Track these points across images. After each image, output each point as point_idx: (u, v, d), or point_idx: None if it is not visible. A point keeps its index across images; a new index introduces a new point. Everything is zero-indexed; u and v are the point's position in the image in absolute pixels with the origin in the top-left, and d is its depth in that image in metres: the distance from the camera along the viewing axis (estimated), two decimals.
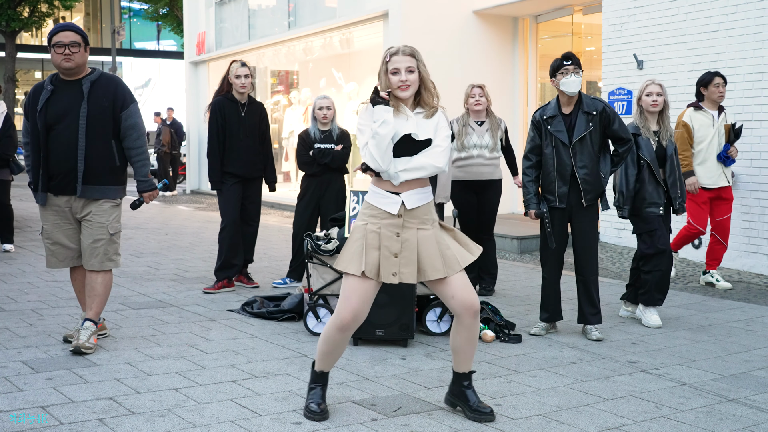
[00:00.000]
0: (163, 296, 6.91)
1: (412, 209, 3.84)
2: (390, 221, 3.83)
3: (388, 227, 3.83)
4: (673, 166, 6.12)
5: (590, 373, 4.88)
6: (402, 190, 3.84)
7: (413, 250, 3.82)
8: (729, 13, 8.92)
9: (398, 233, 3.82)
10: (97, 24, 41.33)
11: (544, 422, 4.00)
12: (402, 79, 3.80)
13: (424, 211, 3.88)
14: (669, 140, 6.11)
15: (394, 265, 3.81)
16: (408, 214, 3.84)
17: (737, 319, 6.48)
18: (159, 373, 4.64)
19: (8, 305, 6.37)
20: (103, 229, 5.17)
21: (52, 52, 5.00)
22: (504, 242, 9.96)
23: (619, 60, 10.20)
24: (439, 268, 3.83)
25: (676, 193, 6.11)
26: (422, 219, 3.87)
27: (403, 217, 3.83)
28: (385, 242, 3.82)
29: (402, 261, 3.81)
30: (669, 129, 6.14)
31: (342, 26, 14.15)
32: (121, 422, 3.83)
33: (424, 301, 5.77)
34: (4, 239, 9.12)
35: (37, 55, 39.32)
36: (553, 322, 5.88)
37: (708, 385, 4.71)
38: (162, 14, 33.80)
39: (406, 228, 3.84)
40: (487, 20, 12.84)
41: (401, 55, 3.81)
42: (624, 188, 6.05)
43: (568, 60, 5.61)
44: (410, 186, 3.85)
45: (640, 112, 6.16)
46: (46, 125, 5.03)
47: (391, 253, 3.81)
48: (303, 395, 4.28)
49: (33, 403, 4.04)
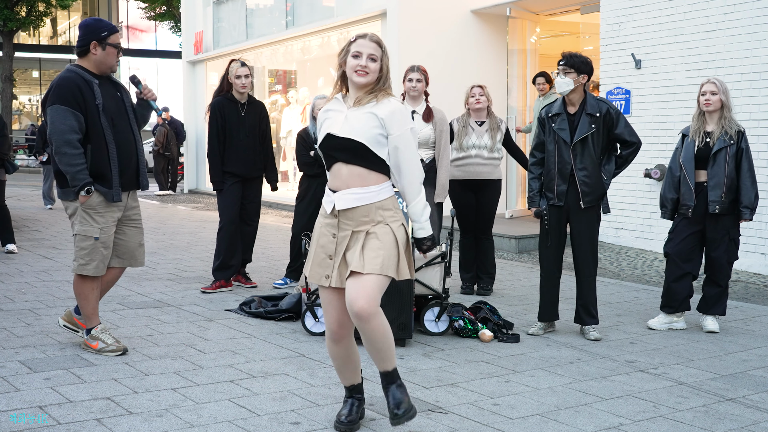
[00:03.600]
0: (161, 296, 6.91)
1: (344, 210, 3.57)
2: (329, 221, 3.63)
3: (326, 227, 3.64)
4: (720, 168, 5.82)
5: (588, 373, 4.88)
6: (338, 187, 3.61)
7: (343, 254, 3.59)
8: (727, 13, 8.93)
9: (334, 234, 3.60)
10: None
11: (542, 422, 4.00)
12: (361, 64, 3.57)
13: (363, 213, 3.56)
14: (723, 140, 5.81)
15: (327, 267, 3.60)
16: (343, 215, 3.58)
17: (735, 318, 6.49)
18: (157, 373, 4.63)
19: (6, 305, 6.36)
20: (142, 227, 5.24)
21: (107, 50, 4.89)
22: (502, 242, 9.96)
23: (617, 59, 10.20)
24: (354, 262, 3.51)
25: (716, 195, 5.81)
26: (360, 221, 3.56)
27: (338, 217, 3.59)
28: (321, 242, 3.63)
29: (335, 264, 3.59)
30: (729, 129, 5.82)
31: (340, 25, 14.14)
32: (119, 422, 3.83)
33: (422, 301, 5.78)
34: (5, 240, 9.10)
35: (35, 55, 39.32)
36: (551, 321, 5.88)
37: (706, 384, 4.71)
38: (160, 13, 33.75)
39: (342, 230, 3.59)
40: (484, 19, 12.85)
41: (367, 41, 3.61)
42: (667, 191, 6.02)
43: (561, 60, 5.62)
44: (346, 183, 3.58)
45: (699, 112, 5.97)
46: (110, 120, 4.92)
47: (326, 255, 3.61)
48: (301, 395, 4.28)
49: (31, 403, 4.04)
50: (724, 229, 5.92)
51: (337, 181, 3.60)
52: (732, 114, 5.92)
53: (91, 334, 5.01)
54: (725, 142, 5.83)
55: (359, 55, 3.58)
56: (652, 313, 6.49)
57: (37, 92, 41.42)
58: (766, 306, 7.11)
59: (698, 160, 5.91)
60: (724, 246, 5.93)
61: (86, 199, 4.83)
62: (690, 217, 5.94)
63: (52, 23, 39.89)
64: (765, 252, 8.55)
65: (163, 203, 16.45)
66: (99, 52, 4.90)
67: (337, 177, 3.61)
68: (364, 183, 3.56)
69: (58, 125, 4.74)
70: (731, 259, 5.99)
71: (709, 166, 5.86)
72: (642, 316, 6.46)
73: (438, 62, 11.71)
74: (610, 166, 5.72)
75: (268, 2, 17.34)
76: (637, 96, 9.98)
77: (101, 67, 4.94)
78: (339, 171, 3.60)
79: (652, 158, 9.61)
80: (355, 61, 3.58)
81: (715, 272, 6.01)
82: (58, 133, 4.74)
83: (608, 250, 9.80)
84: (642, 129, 9.54)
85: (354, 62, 3.58)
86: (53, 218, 12.79)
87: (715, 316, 6.08)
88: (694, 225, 5.96)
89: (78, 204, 4.87)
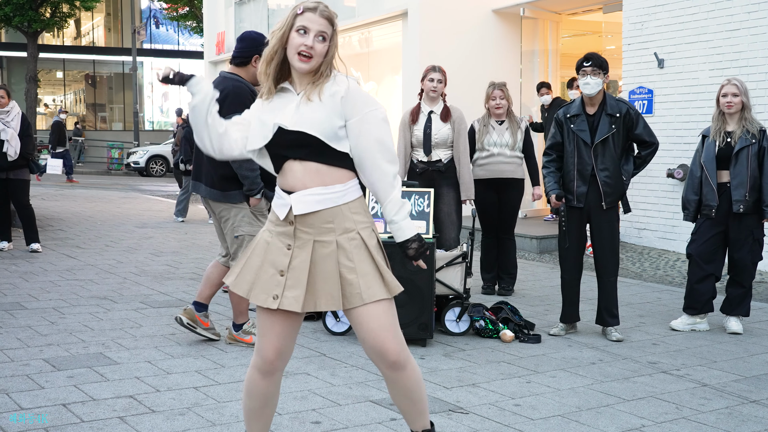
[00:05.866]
0: (183, 295, 6.94)
1: (302, 215, 2.89)
2: (282, 229, 2.92)
3: (279, 236, 2.93)
4: (743, 167, 5.75)
5: (610, 374, 4.85)
6: (294, 187, 2.90)
7: (304, 270, 2.87)
8: (751, 12, 8.84)
9: (289, 245, 2.90)
10: (117, 24, 41.58)
11: (563, 423, 3.98)
12: (307, 44, 2.85)
13: (326, 218, 2.88)
14: (745, 139, 5.75)
15: (276, 285, 2.88)
16: (300, 221, 2.89)
17: (759, 320, 6.43)
18: (179, 372, 4.66)
19: (30, 303, 6.42)
20: None
21: None
22: (524, 242, 9.93)
23: (640, 59, 10.13)
24: (335, 296, 2.87)
25: (740, 195, 5.75)
26: (322, 228, 2.89)
27: (294, 224, 2.90)
28: (270, 255, 2.92)
29: (288, 282, 2.88)
30: (750, 128, 5.77)
31: (361, 25, 14.16)
32: (142, 420, 3.85)
33: (443, 301, 5.77)
34: (29, 239, 9.19)
35: (59, 55, 39.64)
36: (572, 322, 5.86)
37: (729, 386, 4.67)
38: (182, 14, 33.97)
39: (299, 239, 2.90)
40: (505, 19, 12.81)
41: (317, 15, 2.88)
42: (688, 193, 5.98)
43: (588, 61, 5.58)
44: (303, 183, 2.88)
45: (719, 113, 5.91)
46: None
47: (276, 270, 2.89)
48: (322, 394, 4.29)
49: (54, 401, 4.07)
50: (748, 229, 5.86)
51: (291, 181, 2.91)
52: (752, 114, 5.87)
53: (243, 329, 5.26)
54: (747, 141, 5.78)
55: (306, 31, 2.87)
56: (674, 314, 6.44)
57: (60, 92, 41.80)
58: None
59: (720, 160, 5.86)
60: (748, 246, 5.88)
61: (258, 202, 5.11)
62: (713, 218, 5.89)
63: (76, 24, 40.22)
64: None
65: None
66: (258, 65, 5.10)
67: (289, 176, 2.92)
68: (324, 181, 2.89)
69: None
70: (755, 259, 5.94)
71: (732, 166, 5.81)
72: (664, 317, 6.42)
73: (458, 62, 11.69)
74: (628, 166, 5.69)
75: (289, 3, 17.38)
76: (659, 96, 9.91)
77: (255, 79, 5.10)
78: (292, 169, 2.91)
79: (674, 158, 9.54)
80: (299, 38, 2.86)
81: (739, 273, 5.95)
82: None
83: (630, 251, 9.74)
84: (665, 129, 9.49)
85: (299, 40, 2.86)
86: (77, 217, 12.90)
87: (739, 317, 6.03)
88: (717, 226, 5.91)
89: (244, 207, 5.11)
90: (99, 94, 41.76)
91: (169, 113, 40.09)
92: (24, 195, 9.12)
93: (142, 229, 11.68)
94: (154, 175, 26.27)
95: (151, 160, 26.50)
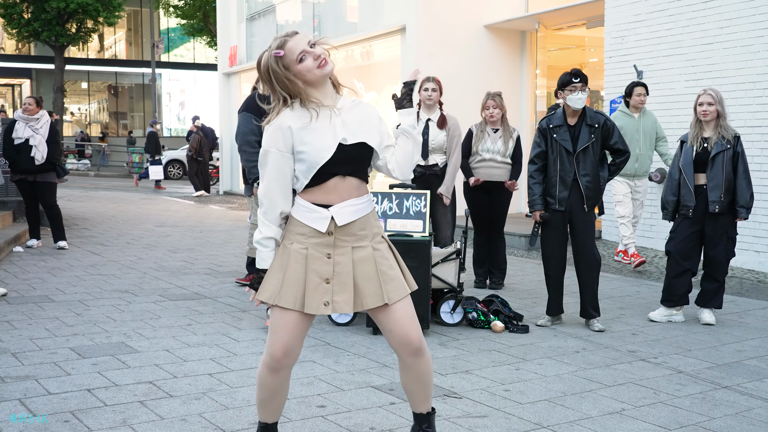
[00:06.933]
0: (199, 289, 6.95)
1: (342, 225, 2.90)
2: (319, 240, 2.89)
3: (316, 247, 2.89)
4: (718, 170, 5.74)
5: (593, 362, 4.85)
6: (332, 201, 2.89)
7: (348, 274, 2.89)
8: (723, 27, 8.84)
9: (329, 254, 2.89)
10: (138, 39, 41.58)
11: (549, 407, 3.98)
12: (316, 54, 2.84)
13: (361, 226, 2.92)
14: (721, 145, 5.74)
15: (325, 293, 2.88)
16: (340, 231, 2.89)
17: (731, 312, 6.43)
18: (194, 360, 4.66)
19: (57, 296, 6.43)
20: None
21: None
22: (513, 240, 9.92)
23: (620, 70, 10.13)
24: (378, 293, 2.90)
25: (716, 196, 5.73)
26: (358, 235, 2.92)
27: (334, 234, 2.89)
28: (313, 266, 2.88)
29: (335, 288, 2.88)
30: (725, 135, 5.76)
31: (363, 40, 14.16)
32: (160, 404, 3.85)
33: (439, 294, 5.77)
34: (57, 237, 9.19)
35: (84, 68, 39.66)
36: (557, 314, 5.86)
37: (703, 373, 4.67)
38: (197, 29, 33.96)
39: (339, 247, 2.90)
40: (497, 34, 12.81)
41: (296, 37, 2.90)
42: (667, 194, 5.97)
43: (576, 78, 5.58)
44: (341, 196, 2.89)
45: (696, 120, 5.89)
46: None
47: (321, 279, 2.88)
48: (326, 380, 4.29)
49: (80, 386, 4.07)
50: (723, 228, 5.86)
51: (332, 196, 2.89)
52: (727, 121, 5.87)
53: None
54: (723, 146, 5.77)
55: (305, 53, 2.85)
56: (652, 307, 6.44)
57: (85, 102, 41.79)
58: (759, 300, 7.04)
59: (697, 164, 5.87)
60: (722, 244, 5.88)
61: None
62: (690, 218, 5.89)
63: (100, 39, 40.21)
64: (758, 250, 8.47)
65: (200, 203, 16.53)
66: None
67: (332, 191, 2.89)
68: (359, 192, 2.93)
69: (242, 128, 5.20)
70: (729, 256, 5.94)
71: (708, 169, 5.80)
72: (643, 309, 6.42)
73: (453, 73, 11.69)
74: (604, 173, 5.73)
75: (297, 18, 17.39)
76: None
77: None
78: (335, 185, 2.89)
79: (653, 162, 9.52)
80: (308, 61, 2.84)
81: (714, 268, 5.95)
82: (241, 134, 5.28)
83: (611, 248, 9.73)
84: None
85: (309, 63, 2.84)
86: (101, 217, 12.90)
87: (712, 309, 6.03)
88: (694, 225, 5.91)
89: None
90: (121, 103, 41.76)
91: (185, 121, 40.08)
92: (51, 196, 9.12)
93: (161, 228, 11.68)
94: (171, 178, 26.24)
95: (169, 164, 26.47)
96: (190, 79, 41.72)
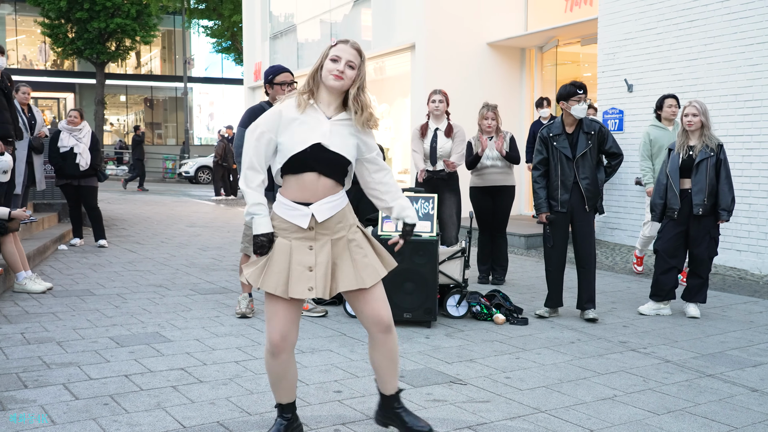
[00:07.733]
0: (226, 284, 6.96)
1: (323, 221, 2.96)
2: (301, 235, 2.95)
3: (299, 240, 2.95)
4: (702, 176, 5.70)
5: (587, 352, 4.83)
6: (308, 199, 2.94)
7: (327, 264, 2.95)
8: (707, 44, 8.78)
9: (311, 246, 2.95)
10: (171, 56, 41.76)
11: (547, 393, 3.97)
12: (339, 69, 2.94)
13: (338, 219, 2.99)
14: (705, 152, 5.70)
15: (309, 279, 2.93)
16: (320, 226, 2.95)
17: (714, 306, 6.38)
18: (222, 348, 4.67)
19: (98, 290, 6.46)
20: None
21: (275, 88, 5.38)
22: (513, 239, 9.89)
23: (612, 84, 10.09)
24: (352, 279, 2.97)
25: (700, 200, 5.70)
26: (336, 228, 2.98)
27: (315, 229, 2.95)
28: (297, 256, 2.94)
29: (318, 274, 2.94)
30: (709, 143, 5.72)
31: (376, 56, 14.15)
32: (191, 389, 3.86)
33: (445, 289, 5.76)
34: (97, 236, 9.24)
35: (122, 82, 39.84)
36: (555, 307, 5.83)
37: (689, 362, 4.64)
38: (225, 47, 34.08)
39: (319, 240, 2.96)
40: (499, 51, 12.78)
41: (348, 47, 3.00)
42: (655, 198, 5.94)
43: (581, 89, 5.57)
44: (316, 194, 2.95)
45: (682, 129, 5.85)
46: None
47: (304, 267, 2.93)
48: (342, 368, 4.29)
49: (118, 372, 4.09)
50: (706, 229, 5.82)
51: (308, 193, 2.94)
52: (711, 131, 5.84)
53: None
54: (707, 154, 5.74)
55: (338, 60, 2.97)
56: (642, 301, 6.40)
57: (124, 114, 42.01)
58: (740, 295, 6.99)
59: (683, 170, 5.84)
60: (705, 243, 5.84)
61: None
62: (676, 219, 5.86)
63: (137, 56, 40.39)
64: (740, 249, 8.40)
65: (228, 206, 16.57)
66: (269, 90, 5.46)
67: (307, 188, 2.95)
68: (334, 191, 2.99)
69: (239, 141, 5.27)
70: (712, 254, 5.90)
71: (693, 175, 5.77)
72: (633, 304, 6.38)
73: (459, 87, 11.67)
74: (601, 175, 5.72)
75: (316, 37, 17.42)
76: (629, 115, 9.86)
77: (273, 101, 5.44)
78: (312, 182, 2.94)
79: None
80: (332, 65, 2.96)
81: (698, 266, 5.91)
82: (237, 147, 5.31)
83: (604, 247, 9.69)
84: (633, 144, 9.45)
85: (331, 66, 2.96)
86: (137, 218, 12.95)
87: (697, 303, 5.99)
88: (679, 226, 5.87)
89: None
90: (156, 114, 41.94)
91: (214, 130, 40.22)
92: (93, 199, 9.17)
93: (192, 228, 11.72)
94: (201, 182, 26.36)
95: (199, 170, 26.60)
96: (218, 92, 41.87)
